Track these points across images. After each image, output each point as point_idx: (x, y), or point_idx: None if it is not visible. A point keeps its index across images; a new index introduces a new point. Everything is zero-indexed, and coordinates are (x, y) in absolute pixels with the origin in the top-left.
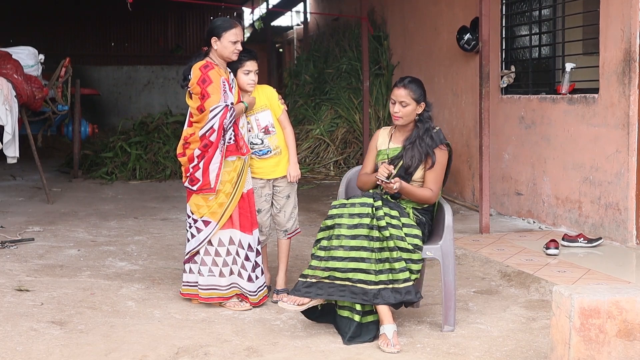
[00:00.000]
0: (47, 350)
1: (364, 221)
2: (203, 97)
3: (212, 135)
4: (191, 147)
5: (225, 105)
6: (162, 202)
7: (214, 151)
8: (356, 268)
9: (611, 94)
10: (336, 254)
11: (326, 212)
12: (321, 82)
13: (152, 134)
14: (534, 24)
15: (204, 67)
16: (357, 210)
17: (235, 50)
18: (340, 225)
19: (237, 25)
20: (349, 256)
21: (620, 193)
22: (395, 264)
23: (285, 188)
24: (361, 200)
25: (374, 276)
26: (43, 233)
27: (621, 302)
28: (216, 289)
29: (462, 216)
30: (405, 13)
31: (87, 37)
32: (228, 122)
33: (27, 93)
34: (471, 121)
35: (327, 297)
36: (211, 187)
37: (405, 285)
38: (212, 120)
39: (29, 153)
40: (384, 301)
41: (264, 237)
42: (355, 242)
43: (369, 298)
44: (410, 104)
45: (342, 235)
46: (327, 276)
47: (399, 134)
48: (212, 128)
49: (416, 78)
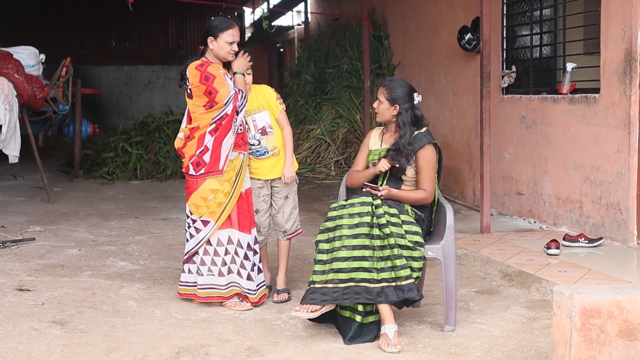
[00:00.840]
0: (48, 349)
1: (364, 220)
2: (210, 93)
3: (224, 119)
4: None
5: (235, 92)
6: (163, 202)
7: (225, 132)
8: (359, 267)
9: (612, 94)
10: (339, 255)
11: (327, 211)
12: (322, 81)
13: (153, 134)
14: (534, 24)
15: (200, 65)
16: (357, 209)
17: (231, 50)
18: (341, 226)
19: (234, 26)
20: (352, 255)
21: (621, 193)
22: (397, 262)
23: (283, 189)
24: (360, 199)
25: (376, 274)
26: (44, 233)
27: (622, 302)
28: (215, 288)
29: (463, 216)
30: (406, 13)
31: (88, 37)
32: (240, 105)
33: (28, 93)
34: (472, 121)
35: (332, 302)
36: (219, 169)
37: (407, 282)
38: (226, 108)
39: (29, 153)
40: (387, 299)
41: (262, 237)
42: (357, 241)
43: (372, 297)
44: (384, 103)
45: (343, 235)
46: (332, 279)
47: (388, 134)
48: (226, 112)
49: (403, 81)
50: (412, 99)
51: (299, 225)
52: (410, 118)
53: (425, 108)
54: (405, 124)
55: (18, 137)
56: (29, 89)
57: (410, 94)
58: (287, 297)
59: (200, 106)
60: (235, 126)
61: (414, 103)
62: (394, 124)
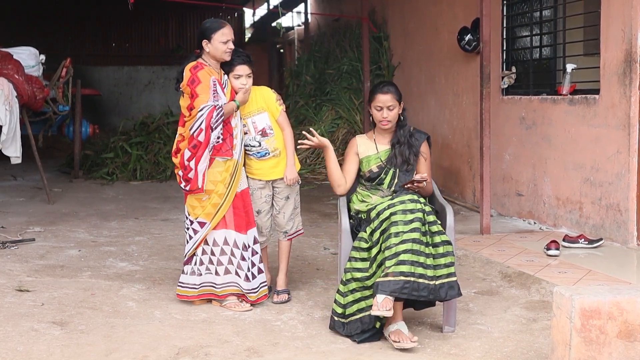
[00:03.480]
0: (48, 350)
1: (417, 216)
2: (192, 96)
3: (200, 135)
4: (181, 152)
5: (212, 105)
6: (163, 202)
7: (202, 151)
8: (416, 261)
9: (612, 95)
10: (400, 248)
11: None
12: (322, 82)
13: (153, 135)
14: (534, 25)
15: (194, 68)
16: (410, 206)
17: (227, 49)
18: (396, 222)
19: (225, 25)
20: (412, 249)
21: (621, 194)
22: (441, 260)
23: (285, 189)
24: (409, 197)
25: (432, 271)
26: (44, 233)
27: (622, 303)
28: (212, 286)
29: (462, 217)
30: (406, 13)
31: (88, 38)
32: (215, 122)
33: (28, 93)
34: (472, 122)
35: (390, 294)
36: (199, 187)
37: (450, 280)
38: (199, 120)
39: (29, 153)
40: (447, 296)
41: (264, 238)
42: (415, 235)
43: (429, 293)
44: (396, 106)
45: (400, 231)
46: (392, 271)
47: (380, 137)
48: (200, 128)
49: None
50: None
51: (301, 226)
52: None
53: (425, 108)
54: (406, 119)
55: (18, 138)
56: (29, 90)
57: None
58: (287, 298)
59: (185, 107)
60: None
61: None
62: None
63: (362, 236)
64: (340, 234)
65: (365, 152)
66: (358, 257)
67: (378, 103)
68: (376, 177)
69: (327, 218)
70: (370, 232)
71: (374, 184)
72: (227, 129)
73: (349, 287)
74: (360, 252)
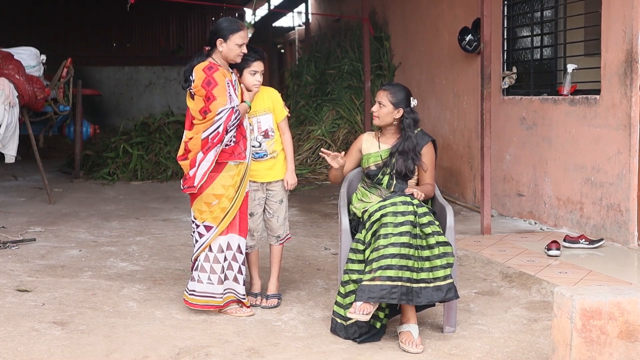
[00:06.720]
0: (49, 350)
1: (408, 219)
2: (208, 99)
3: (215, 137)
4: (191, 154)
5: (230, 108)
6: (164, 202)
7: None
8: (404, 266)
9: (613, 95)
10: (387, 252)
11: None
12: (322, 82)
13: (154, 135)
14: (535, 25)
15: (208, 68)
16: (400, 208)
17: (241, 53)
18: (386, 224)
19: (244, 28)
20: (400, 253)
21: (621, 194)
22: (437, 261)
23: (279, 192)
24: (402, 199)
25: (416, 274)
26: (44, 233)
27: (623, 303)
28: (212, 296)
29: (463, 217)
30: (407, 14)
31: (89, 38)
32: (232, 125)
33: (29, 93)
34: (472, 122)
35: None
36: (194, 185)
37: (447, 282)
38: (217, 123)
39: (30, 153)
40: (426, 300)
41: (254, 242)
42: (404, 239)
43: (411, 297)
44: (387, 106)
45: (389, 233)
46: (379, 275)
47: (385, 137)
48: (217, 131)
49: (403, 86)
50: (409, 103)
51: (289, 230)
52: (412, 120)
53: (425, 109)
54: (409, 127)
55: (16, 138)
56: (30, 90)
57: (409, 98)
58: (277, 303)
59: (197, 110)
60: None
61: (411, 107)
62: (393, 127)
63: (358, 237)
64: (340, 234)
65: (368, 149)
66: (355, 259)
67: (376, 97)
68: (374, 176)
69: (328, 218)
70: (365, 233)
71: (373, 182)
72: (240, 131)
73: (347, 288)
74: (356, 254)
